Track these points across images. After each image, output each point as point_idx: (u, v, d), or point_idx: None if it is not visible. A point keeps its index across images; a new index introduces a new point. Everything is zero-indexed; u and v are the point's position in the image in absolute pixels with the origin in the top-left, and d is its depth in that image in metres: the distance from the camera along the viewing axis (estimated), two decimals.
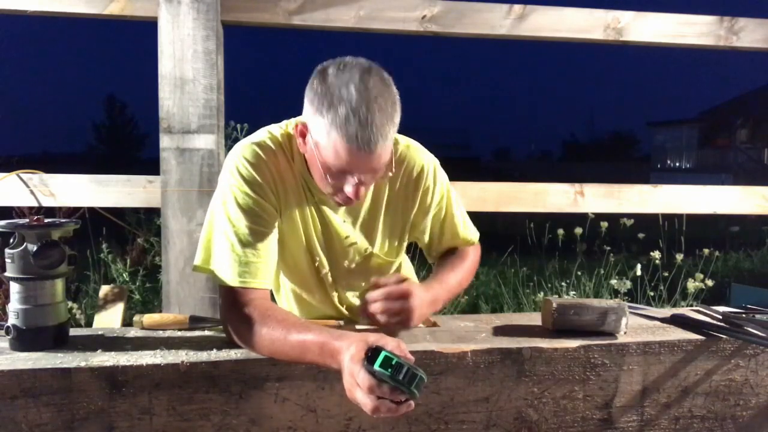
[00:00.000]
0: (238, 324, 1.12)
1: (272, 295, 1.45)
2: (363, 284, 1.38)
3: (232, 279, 1.15)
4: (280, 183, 1.23)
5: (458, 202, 1.42)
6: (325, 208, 1.29)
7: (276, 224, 1.22)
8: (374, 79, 1.08)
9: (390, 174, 1.18)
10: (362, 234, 1.33)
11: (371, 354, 0.90)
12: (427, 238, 1.40)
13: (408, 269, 1.56)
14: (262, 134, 1.26)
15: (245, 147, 1.22)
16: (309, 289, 1.38)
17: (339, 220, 1.30)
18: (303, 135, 1.17)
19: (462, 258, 1.40)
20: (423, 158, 1.33)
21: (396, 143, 1.30)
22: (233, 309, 1.14)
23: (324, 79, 1.09)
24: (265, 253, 1.18)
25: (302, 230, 1.29)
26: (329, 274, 1.35)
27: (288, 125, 1.26)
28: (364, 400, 0.90)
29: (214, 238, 1.20)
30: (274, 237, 1.21)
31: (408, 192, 1.33)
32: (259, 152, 1.21)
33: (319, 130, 1.10)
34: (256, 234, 1.17)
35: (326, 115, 1.07)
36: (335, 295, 1.39)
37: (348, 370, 0.93)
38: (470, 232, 1.44)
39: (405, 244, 1.41)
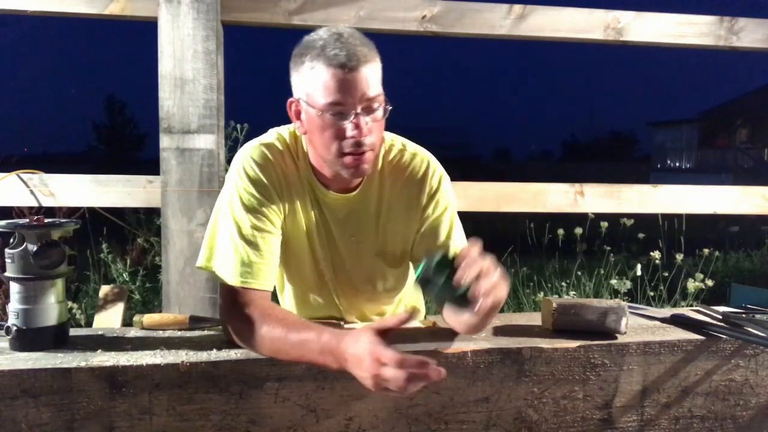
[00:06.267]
0: (239, 323, 1.12)
1: (276, 295, 1.45)
2: (367, 288, 1.36)
3: (233, 279, 1.15)
4: (285, 185, 1.24)
5: (462, 230, 1.32)
6: (329, 211, 1.28)
7: (280, 226, 1.23)
8: (343, 26, 1.16)
9: (388, 108, 1.17)
10: (366, 236, 1.31)
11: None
12: (423, 247, 1.28)
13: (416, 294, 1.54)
14: (271, 135, 1.27)
15: (254, 148, 1.23)
16: (312, 291, 1.38)
17: (342, 221, 1.29)
18: (298, 114, 1.19)
19: None
20: (429, 164, 1.29)
21: (403, 149, 1.29)
22: (233, 308, 1.14)
23: (299, 44, 1.16)
24: (268, 255, 1.18)
25: (305, 233, 1.28)
26: (332, 277, 1.35)
27: (296, 126, 1.26)
28: (395, 375, 0.89)
29: (218, 237, 1.20)
30: (277, 239, 1.22)
31: (411, 195, 1.28)
32: (267, 153, 1.22)
33: (304, 78, 1.13)
34: (260, 235, 1.18)
35: (305, 59, 1.12)
36: (336, 297, 1.38)
37: (370, 354, 0.92)
38: None
39: (408, 255, 1.33)
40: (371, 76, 1.12)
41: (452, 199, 1.31)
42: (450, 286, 0.96)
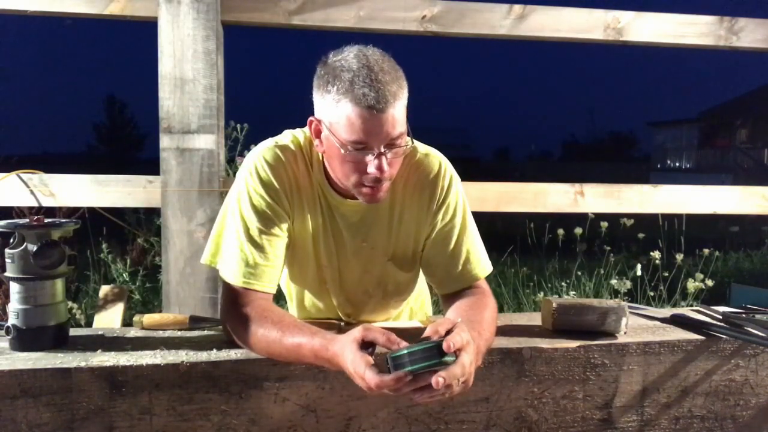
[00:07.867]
0: (237, 323, 1.12)
1: (281, 296, 1.45)
2: (377, 293, 1.35)
3: (236, 279, 1.15)
4: (296, 189, 1.23)
5: (475, 229, 1.31)
6: (340, 217, 1.26)
7: (287, 229, 1.22)
8: (372, 50, 1.11)
9: (409, 145, 1.15)
10: (378, 241, 1.29)
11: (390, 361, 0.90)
12: (435, 253, 1.28)
13: (423, 294, 1.54)
14: (286, 137, 1.26)
15: (268, 149, 1.22)
16: (312, 295, 1.38)
17: (354, 227, 1.27)
18: (318, 133, 1.16)
19: (486, 308, 1.20)
20: (441, 164, 1.27)
21: (415, 151, 1.27)
22: (233, 308, 1.14)
23: (325, 63, 1.12)
24: (273, 257, 1.18)
25: (312, 238, 1.27)
26: (336, 283, 1.33)
27: (315, 143, 1.22)
28: (382, 390, 0.90)
29: (225, 235, 1.21)
30: (283, 242, 1.21)
31: (423, 197, 1.26)
32: (280, 155, 1.21)
33: (328, 107, 1.10)
34: (267, 237, 1.17)
35: (332, 89, 1.08)
36: (338, 303, 1.37)
37: (354, 372, 0.93)
38: (482, 262, 1.29)
39: (419, 258, 1.32)
40: (398, 114, 1.09)
41: (463, 200, 1.29)
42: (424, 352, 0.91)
